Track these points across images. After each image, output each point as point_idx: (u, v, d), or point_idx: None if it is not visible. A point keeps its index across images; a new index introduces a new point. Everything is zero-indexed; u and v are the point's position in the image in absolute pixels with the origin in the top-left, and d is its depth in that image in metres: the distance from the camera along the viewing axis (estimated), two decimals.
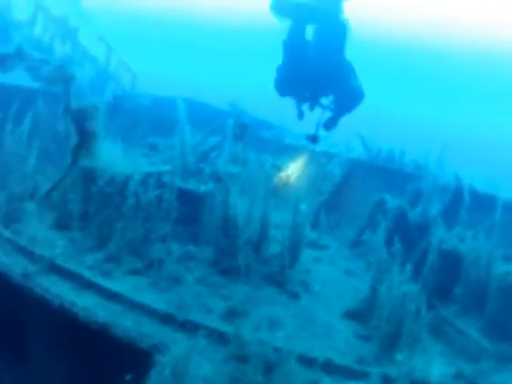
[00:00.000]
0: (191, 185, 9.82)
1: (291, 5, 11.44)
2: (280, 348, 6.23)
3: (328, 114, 12.78)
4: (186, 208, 9.28)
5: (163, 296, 7.63)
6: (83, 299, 7.11)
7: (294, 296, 8.70)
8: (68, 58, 17.08)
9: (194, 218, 9.58)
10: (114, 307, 7.07)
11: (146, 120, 16.96)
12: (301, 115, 12.74)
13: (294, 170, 13.63)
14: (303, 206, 9.71)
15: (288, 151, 14.94)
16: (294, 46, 11.66)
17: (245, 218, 9.05)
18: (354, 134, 15.24)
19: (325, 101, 12.57)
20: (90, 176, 9.20)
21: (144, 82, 20.62)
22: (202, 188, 9.72)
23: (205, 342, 6.46)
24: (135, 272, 8.32)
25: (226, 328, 6.79)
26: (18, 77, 14.94)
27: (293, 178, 13.45)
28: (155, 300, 7.32)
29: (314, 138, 12.67)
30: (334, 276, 10.34)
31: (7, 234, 8.50)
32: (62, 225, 9.41)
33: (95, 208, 9.05)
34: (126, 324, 6.62)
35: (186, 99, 12.99)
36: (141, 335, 6.48)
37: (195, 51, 77.50)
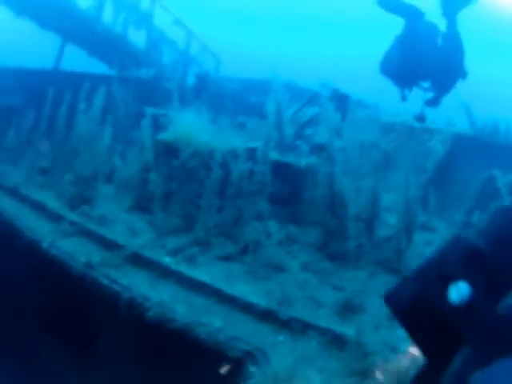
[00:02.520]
0: (290, 158, 8.34)
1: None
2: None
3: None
4: (284, 184, 7.98)
5: (261, 287, 6.09)
6: (159, 292, 5.79)
7: None
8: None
9: (294, 195, 8.20)
10: (198, 301, 5.69)
11: (233, 105, 15.41)
12: (404, 97, 11.50)
13: None
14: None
15: (385, 129, 13.84)
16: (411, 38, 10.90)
17: (352, 194, 7.56)
18: (456, 106, 13.60)
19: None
20: (171, 150, 7.90)
21: (231, 56, 19.39)
22: (303, 161, 8.03)
23: (315, 346, 5.03)
24: (226, 258, 6.84)
25: (341, 328, 5.22)
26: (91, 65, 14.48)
27: None
28: (251, 292, 5.84)
29: (421, 118, 11.46)
30: None
31: (73, 216, 7.48)
32: (141, 206, 8.27)
33: (178, 185, 7.71)
34: (212, 324, 5.23)
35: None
36: (231, 339, 5.06)
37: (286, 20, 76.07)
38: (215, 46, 19.04)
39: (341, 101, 10.33)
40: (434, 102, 11.42)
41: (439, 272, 2.84)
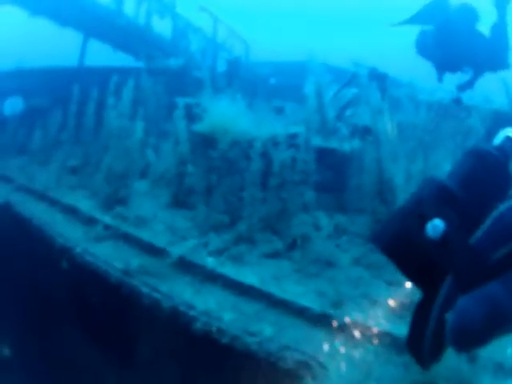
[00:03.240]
0: (333, 143, 7.80)
1: None
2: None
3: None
4: (328, 171, 7.49)
5: (312, 286, 5.58)
6: (204, 298, 5.34)
7: None
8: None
9: (339, 181, 7.67)
10: (246, 307, 5.22)
11: (267, 90, 14.74)
12: (441, 79, 11.94)
13: None
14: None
15: (423, 107, 12.38)
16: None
17: (401, 179, 7.06)
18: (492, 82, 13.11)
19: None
20: (208, 141, 7.38)
21: (257, 49, 18.89)
22: (347, 146, 7.45)
23: (374, 352, 4.57)
24: (274, 255, 6.31)
25: (400, 329, 4.59)
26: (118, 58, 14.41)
27: None
28: (302, 293, 5.39)
29: (458, 101, 11.82)
30: None
31: (107, 218, 7.08)
32: (179, 201, 7.76)
33: (218, 177, 7.21)
34: (262, 332, 4.77)
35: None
36: (283, 348, 4.58)
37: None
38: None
39: (380, 80, 9.86)
40: (466, 87, 11.78)
41: (417, 211, 3.26)
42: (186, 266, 5.87)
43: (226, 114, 7.30)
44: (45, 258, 6.86)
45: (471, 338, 3.07)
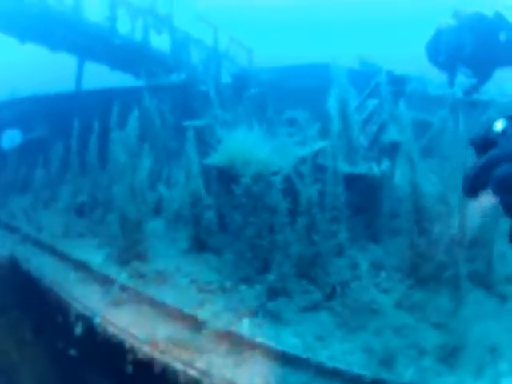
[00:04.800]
0: (361, 167, 7.17)
1: None
2: None
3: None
4: (359, 197, 6.87)
5: (358, 342, 5.07)
6: (247, 372, 4.69)
7: (503, 299, 6.34)
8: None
9: (371, 208, 7.10)
10: (293, 378, 4.60)
11: (275, 96, 14.18)
12: (452, 84, 12.55)
13: None
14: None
15: (434, 103, 12.77)
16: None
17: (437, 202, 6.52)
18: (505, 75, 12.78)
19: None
20: (227, 175, 6.59)
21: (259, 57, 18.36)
22: (376, 169, 6.76)
23: None
24: (313, 307, 5.64)
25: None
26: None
27: None
28: (349, 351, 4.90)
29: (469, 92, 12.27)
30: None
31: (123, 277, 6.34)
32: (199, 244, 7.01)
33: (243, 216, 6.31)
34: None
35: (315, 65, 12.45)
36: None
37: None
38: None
39: (398, 84, 9.38)
40: (471, 90, 12.24)
41: None
42: (221, 335, 5.17)
43: (244, 144, 6.56)
44: (57, 324, 6.21)
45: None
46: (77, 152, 9.04)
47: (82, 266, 6.79)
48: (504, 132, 3.22)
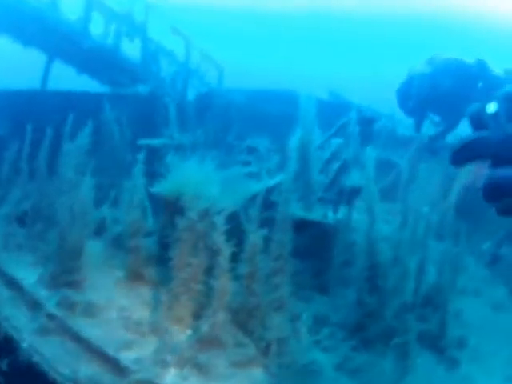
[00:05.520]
0: (316, 213, 6.70)
1: None
2: None
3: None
4: (308, 244, 6.42)
5: None
6: None
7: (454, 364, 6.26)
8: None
9: (321, 256, 6.66)
10: None
11: (241, 119, 13.91)
12: (418, 129, 12.37)
13: None
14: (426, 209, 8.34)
15: (402, 143, 12.84)
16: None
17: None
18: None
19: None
20: (173, 206, 6.18)
21: (231, 73, 18.03)
22: (331, 216, 6.28)
23: None
24: (246, 363, 5.18)
25: None
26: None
27: None
28: None
29: (434, 151, 11.90)
30: (485, 316, 8.21)
31: (52, 304, 5.73)
32: (136, 276, 6.52)
33: (181, 253, 5.68)
34: None
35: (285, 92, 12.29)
36: None
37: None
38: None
39: (366, 125, 8.98)
40: (438, 138, 12.04)
41: None
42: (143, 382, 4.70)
43: (195, 176, 6.08)
44: None
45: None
46: (29, 155, 8.39)
47: (14, 284, 6.26)
48: (496, 114, 3.45)
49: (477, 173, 3.29)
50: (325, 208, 6.90)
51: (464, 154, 3.69)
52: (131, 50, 14.18)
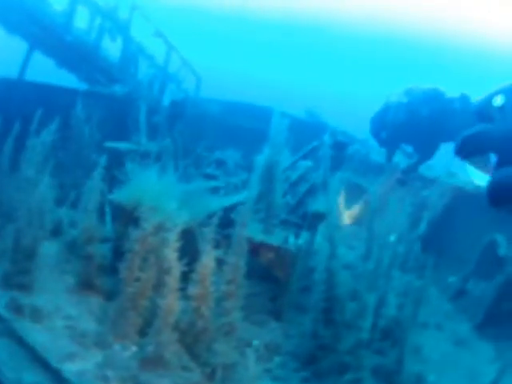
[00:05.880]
0: (276, 236, 6.48)
1: None
2: None
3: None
4: (266, 268, 6.24)
5: None
6: None
7: None
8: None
9: (278, 281, 6.37)
10: None
11: (214, 131, 13.75)
12: (389, 160, 12.04)
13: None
14: (392, 238, 8.07)
15: (374, 170, 12.79)
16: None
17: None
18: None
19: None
20: (129, 216, 5.91)
21: (211, 79, 17.81)
22: (292, 241, 6.27)
23: None
24: None
25: None
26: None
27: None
28: None
29: (402, 181, 11.66)
30: (446, 352, 7.93)
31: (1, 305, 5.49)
32: (87, 284, 6.25)
33: (131, 266, 5.45)
34: None
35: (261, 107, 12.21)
36: None
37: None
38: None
39: (338, 150, 8.85)
40: (410, 169, 11.68)
41: None
42: None
43: (153, 188, 5.81)
44: None
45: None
46: None
47: None
48: (502, 107, 3.68)
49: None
50: (286, 232, 6.65)
51: (469, 147, 3.85)
52: (112, 48, 13.89)
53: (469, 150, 6.54)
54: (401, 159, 11.82)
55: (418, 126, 10.93)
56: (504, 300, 8.48)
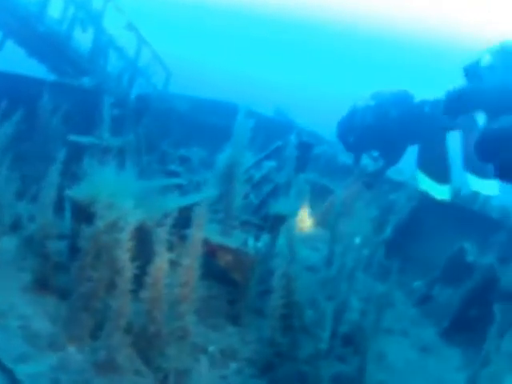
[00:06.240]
0: (235, 239, 6.27)
1: None
2: None
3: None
4: (224, 271, 6.00)
5: None
6: None
7: None
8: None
9: (237, 284, 6.12)
10: None
11: (181, 127, 13.86)
12: (356, 164, 11.98)
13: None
14: (357, 240, 8.16)
15: (341, 171, 12.84)
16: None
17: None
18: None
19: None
20: (84, 212, 5.56)
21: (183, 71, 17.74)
22: (251, 243, 6.26)
23: None
24: None
25: None
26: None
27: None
28: None
29: (369, 185, 11.58)
30: (411, 359, 7.76)
31: None
32: (43, 283, 5.94)
33: (82, 264, 5.22)
34: None
35: (229, 104, 12.06)
36: None
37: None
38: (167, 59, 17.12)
39: (304, 150, 8.71)
40: (378, 173, 11.59)
41: None
42: None
43: (109, 185, 5.57)
44: None
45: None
46: None
47: None
48: (491, 67, 3.77)
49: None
50: (247, 233, 6.46)
51: (456, 103, 3.93)
52: (83, 39, 13.71)
53: (456, 107, 6.58)
54: (368, 162, 11.63)
55: (385, 128, 10.81)
56: (472, 306, 8.45)
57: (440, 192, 10.59)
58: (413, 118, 10.63)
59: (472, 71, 5.43)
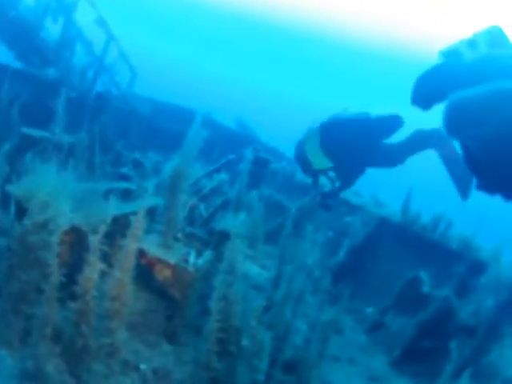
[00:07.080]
0: (175, 253, 5.89)
1: None
2: None
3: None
4: (161, 287, 5.68)
5: None
6: None
7: None
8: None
9: (174, 301, 5.77)
10: None
11: (140, 129, 13.38)
12: (315, 186, 11.41)
13: None
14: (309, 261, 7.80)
15: (298, 189, 12.67)
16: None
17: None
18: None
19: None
20: (21, 208, 5.04)
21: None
22: (192, 259, 5.87)
23: None
24: None
25: None
26: None
27: None
28: None
29: (326, 206, 11.17)
30: None
31: None
32: None
33: (10, 267, 4.83)
34: None
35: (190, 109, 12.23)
36: None
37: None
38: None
39: (259, 166, 8.83)
40: (333, 195, 11.11)
41: None
42: None
43: (47, 184, 5.19)
44: None
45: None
46: None
47: None
48: (472, 41, 3.95)
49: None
50: (189, 247, 6.11)
51: (427, 88, 4.25)
52: (52, 30, 13.47)
53: (427, 93, 5.65)
54: (326, 182, 11.40)
55: (339, 150, 10.42)
56: (424, 337, 8.33)
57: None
58: (366, 139, 10.31)
59: (450, 53, 4.88)
